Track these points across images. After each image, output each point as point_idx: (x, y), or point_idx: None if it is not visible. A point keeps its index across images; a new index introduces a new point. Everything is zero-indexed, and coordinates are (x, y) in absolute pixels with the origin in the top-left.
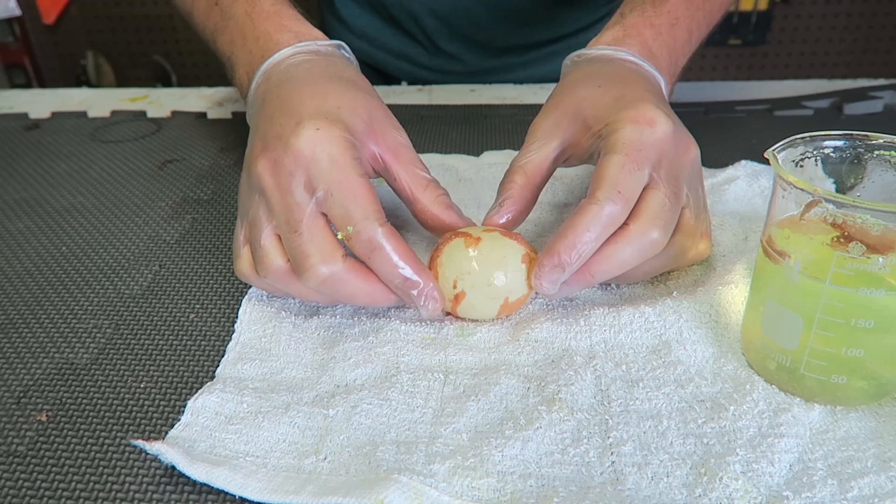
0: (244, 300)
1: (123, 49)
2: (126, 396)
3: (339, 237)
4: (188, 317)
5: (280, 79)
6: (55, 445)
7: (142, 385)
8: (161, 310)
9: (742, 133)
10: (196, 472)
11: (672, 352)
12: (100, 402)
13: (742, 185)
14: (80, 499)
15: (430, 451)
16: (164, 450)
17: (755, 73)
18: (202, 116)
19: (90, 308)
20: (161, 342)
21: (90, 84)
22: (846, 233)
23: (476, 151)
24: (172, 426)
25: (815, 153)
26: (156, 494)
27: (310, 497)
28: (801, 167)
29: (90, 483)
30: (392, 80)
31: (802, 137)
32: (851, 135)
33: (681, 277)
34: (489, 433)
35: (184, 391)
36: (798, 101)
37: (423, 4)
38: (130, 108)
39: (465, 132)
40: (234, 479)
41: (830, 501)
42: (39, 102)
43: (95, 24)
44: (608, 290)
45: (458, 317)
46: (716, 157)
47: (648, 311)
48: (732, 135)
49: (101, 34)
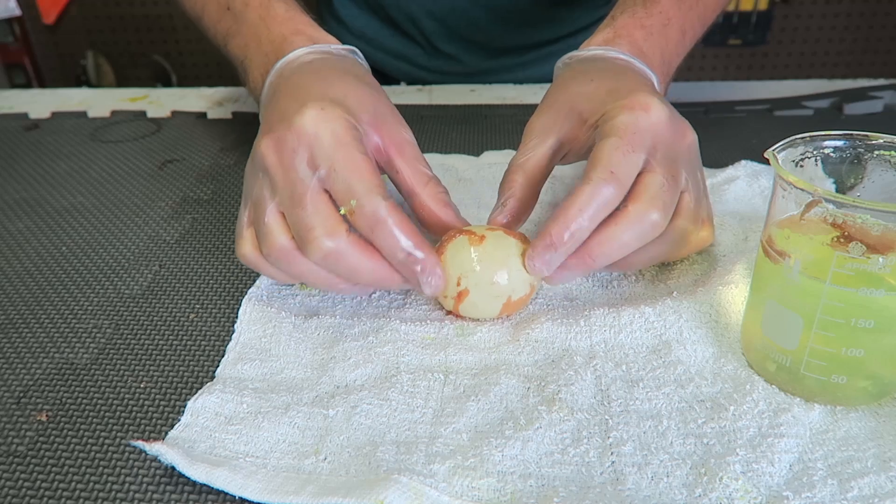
0: (244, 300)
1: (123, 49)
2: (126, 396)
3: (343, 212)
4: (188, 317)
5: (291, 72)
6: (55, 445)
7: (142, 385)
8: (161, 310)
9: (742, 133)
10: (196, 473)
11: (672, 352)
12: (100, 402)
13: (742, 185)
14: (80, 499)
15: (430, 451)
16: (164, 450)
17: (755, 73)
18: (202, 116)
19: (90, 308)
20: (161, 342)
21: (90, 84)
22: (846, 233)
23: (476, 151)
24: (172, 426)
25: (815, 153)
26: (156, 494)
27: (310, 497)
28: (801, 167)
29: (90, 483)
30: (391, 81)
31: (802, 137)
32: (851, 135)
33: (681, 277)
34: (489, 433)
35: (184, 391)
36: (798, 101)
37: (421, 6)
38: (130, 108)
39: (465, 132)
40: (234, 480)
41: (830, 501)
42: (39, 102)
43: (95, 24)
44: (608, 290)
45: (460, 316)
46: (716, 157)
47: (648, 311)
48: (732, 135)
49: (101, 34)
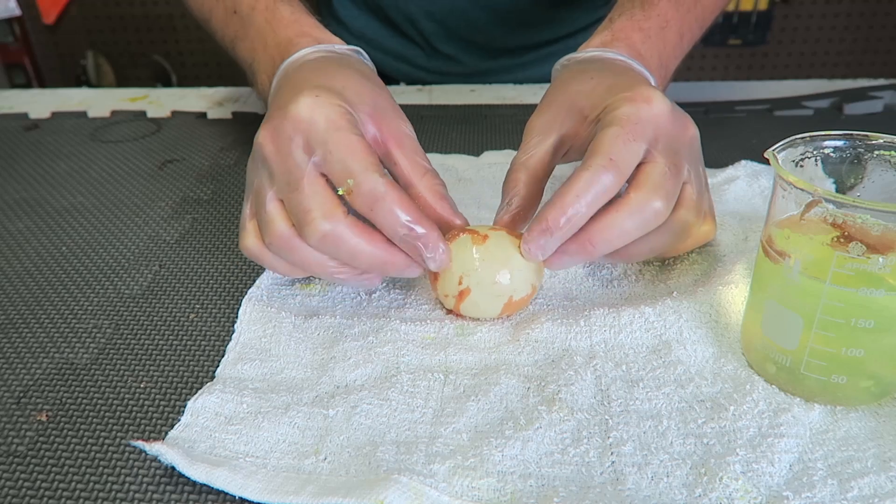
0: (244, 300)
1: (123, 49)
2: (126, 396)
3: (340, 192)
4: (188, 317)
5: (293, 71)
6: (55, 445)
7: (142, 385)
8: (161, 310)
9: (742, 133)
10: (196, 473)
11: (672, 352)
12: (100, 402)
13: (742, 185)
14: (80, 499)
15: (430, 451)
16: (164, 450)
17: (755, 73)
18: (202, 116)
19: (90, 308)
20: (161, 342)
21: (90, 84)
22: (846, 233)
23: (476, 151)
24: (172, 426)
25: (815, 153)
26: (156, 494)
27: (310, 497)
28: (801, 167)
29: (90, 483)
30: (390, 82)
31: (802, 137)
32: (851, 135)
33: (681, 277)
34: (489, 433)
35: (184, 391)
36: (798, 101)
37: (420, 7)
38: (130, 108)
39: (465, 132)
40: (234, 480)
41: (830, 501)
42: (39, 102)
43: (95, 24)
44: (608, 290)
45: (460, 315)
46: (716, 157)
47: (648, 311)
48: (732, 135)
49: (101, 34)
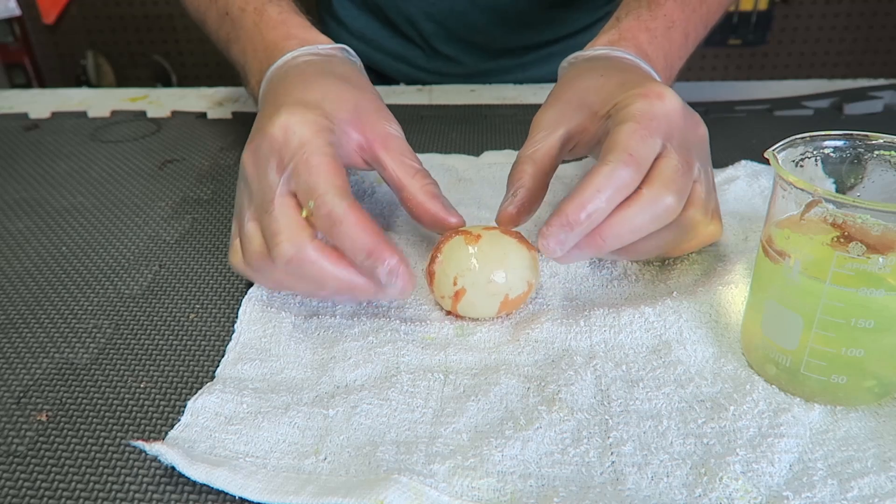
0: (244, 300)
1: (123, 49)
2: (126, 396)
3: (304, 214)
4: (188, 317)
5: (277, 79)
6: (55, 445)
7: (142, 385)
8: (161, 310)
9: (742, 133)
10: (196, 473)
11: (672, 352)
12: (100, 402)
13: (742, 185)
14: (80, 499)
15: (430, 451)
16: (164, 450)
17: (755, 73)
18: (202, 116)
19: (90, 308)
20: (161, 342)
21: (90, 84)
22: (846, 233)
23: (476, 151)
24: (172, 426)
25: (815, 153)
26: (156, 494)
27: (310, 497)
28: (801, 167)
29: (90, 483)
30: (390, 82)
31: (802, 137)
32: (851, 135)
33: (681, 277)
34: (489, 433)
35: (184, 391)
36: (798, 101)
37: (420, 8)
38: (130, 108)
39: (465, 132)
40: (234, 480)
41: (830, 501)
42: (39, 102)
43: (95, 24)
44: (608, 290)
45: (458, 315)
46: (716, 157)
47: (648, 311)
48: (732, 135)
49: (101, 34)
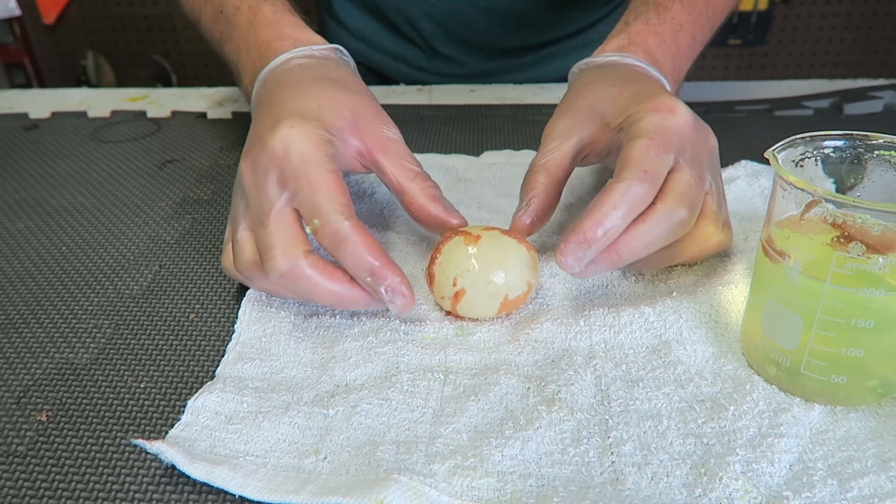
0: (244, 300)
1: (123, 49)
2: (126, 396)
3: (309, 231)
4: (188, 317)
5: (272, 84)
6: (55, 445)
7: (142, 385)
8: (161, 310)
9: (742, 133)
10: (196, 472)
11: (672, 352)
12: (100, 402)
13: (742, 185)
14: (80, 499)
15: (430, 451)
16: (164, 449)
17: (755, 73)
18: (202, 116)
19: (90, 308)
20: (161, 342)
21: (90, 84)
22: (846, 233)
23: (476, 151)
24: (172, 426)
25: (815, 153)
26: (156, 494)
27: (310, 497)
28: (801, 167)
29: (90, 483)
30: (390, 82)
31: (802, 137)
32: (851, 135)
33: (681, 277)
34: (489, 433)
35: (184, 391)
36: (798, 101)
37: (420, 9)
38: (130, 108)
39: (465, 132)
40: (234, 479)
41: (830, 501)
42: (39, 102)
43: (95, 24)
44: (608, 290)
45: (458, 316)
46: None
47: (648, 311)
48: (732, 135)
49: (101, 34)
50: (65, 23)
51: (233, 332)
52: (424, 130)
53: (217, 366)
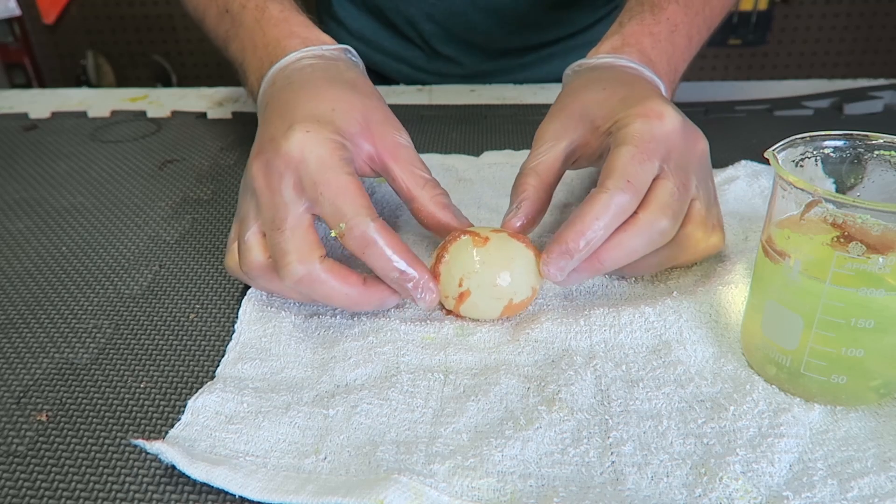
0: (244, 300)
1: (123, 49)
2: (126, 396)
3: (333, 235)
4: (188, 317)
5: (282, 83)
6: (55, 445)
7: (142, 385)
8: (161, 310)
9: (742, 133)
10: (196, 472)
11: (672, 352)
12: (100, 402)
13: (742, 185)
14: (80, 499)
15: (430, 451)
16: (164, 449)
17: (755, 73)
18: (202, 116)
19: (90, 308)
20: (161, 342)
21: (90, 84)
22: (846, 233)
23: (476, 151)
24: (172, 426)
25: (815, 153)
26: (156, 494)
27: (310, 497)
28: (801, 167)
29: (90, 483)
30: (390, 83)
31: (802, 137)
32: (851, 135)
33: (681, 277)
34: (489, 433)
35: (184, 391)
36: (798, 101)
37: (420, 9)
38: (130, 108)
39: (465, 132)
40: (234, 479)
41: (830, 501)
42: (39, 102)
43: (95, 24)
44: (608, 290)
45: (460, 316)
46: (716, 157)
47: (648, 311)
48: (732, 135)
49: (101, 34)
50: (65, 23)
51: (233, 332)
52: (424, 130)
53: (217, 366)
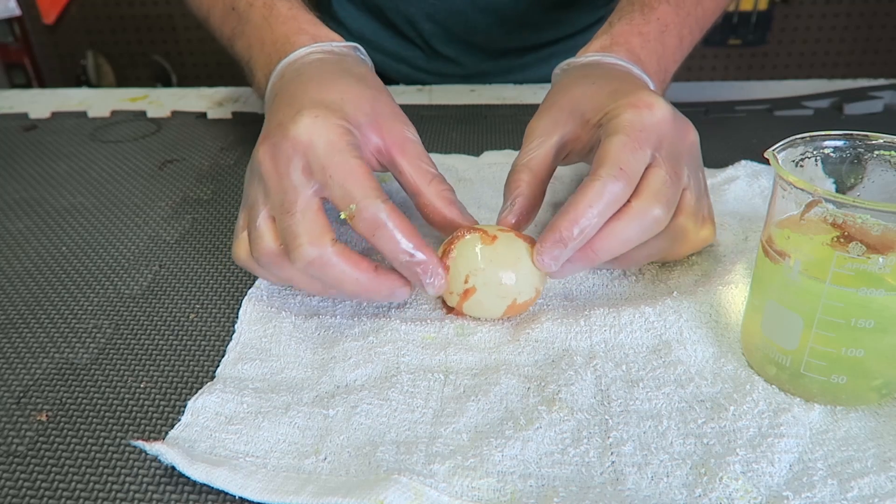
0: (244, 300)
1: (123, 49)
2: (126, 396)
3: (342, 217)
4: (188, 317)
5: (291, 76)
6: (55, 445)
7: (142, 385)
8: (161, 310)
9: (742, 133)
10: (196, 473)
11: (672, 352)
12: (100, 402)
13: (742, 185)
14: (80, 499)
15: (430, 451)
16: (164, 450)
17: (755, 73)
18: (202, 116)
19: (90, 308)
20: (161, 342)
21: (90, 84)
22: (846, 233)
23: (476, 151)
24: (172, 426)
25: (815, 153)
26: (156, 494)
27: (310, 497)
28: (801, 167)
29: (90, 483)
30: (390, 83)
31: (802, 137)
32: (851, 135)
33: (681, 277)
34: (489, 433)
35: (184, 391)
36: (798, 101)
37: (420, 9)
38: (130, 108)
39: (465, 132)
40: (234, 480)
41: (830, 501)
42: (39, 102)
43: (95, 24)
44: (608, 290)
45: (461, 314)
46: (716, 157)
47: (648, 311)
48: (732, 135)
49: (101, 34)
50: (65, 23)
51: (233, 332)
52: (424, 130)
53: (217, 366)
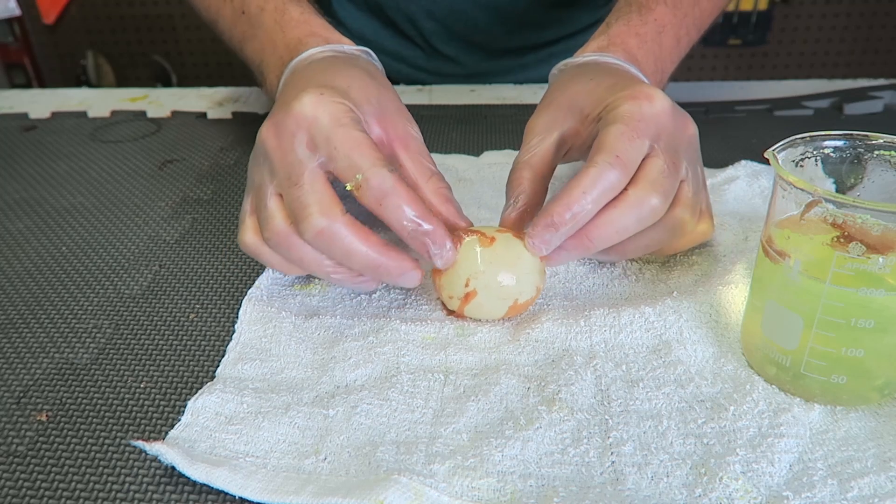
0: (244, 300)
1: (123, 49)
2: (126, 396)
3: (348, 188)
4: (188, 317)
5: (300, 70)
6: (55, 445)
7: (142, 385)
8: (161, 310)
9: (742, 133)
10: (196, 473)
11: (672, 352)
12: (100, 402)
13: (742, 185)
14: (80, 499)
15: (430, 452)
16: (164, 450)
17: (755, 73)
18: (202, 116)
19: (90, 308)
20: (161, 342)
21: (90, 84)
22: (846, 233)
23: (476, 151)
24: (172, 426)
25: (815, 153)
26: (156, 494)
27: (310, 497)
28: (801, 167)
29: (90, 483)
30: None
31: (802, 137)
32: (851, 135)
33: (681, 277)
34: (489, 433)
35: (184, 391)
36: (798, 101)
37: (421, 7)
38: (130, 108)
39: (465, 132)
40: (234, 480)
41: (830, 501)
42: (39, 102)
43: (95, 24)
44: (608, 290)
45: (462, 316)
46: (716, 157)
47: (648, 311)
48: (732, 135)
49: (101, 34)
50: (65, 23)
51: (233, 333)
52: (424, 130)
53: (217, 366)
